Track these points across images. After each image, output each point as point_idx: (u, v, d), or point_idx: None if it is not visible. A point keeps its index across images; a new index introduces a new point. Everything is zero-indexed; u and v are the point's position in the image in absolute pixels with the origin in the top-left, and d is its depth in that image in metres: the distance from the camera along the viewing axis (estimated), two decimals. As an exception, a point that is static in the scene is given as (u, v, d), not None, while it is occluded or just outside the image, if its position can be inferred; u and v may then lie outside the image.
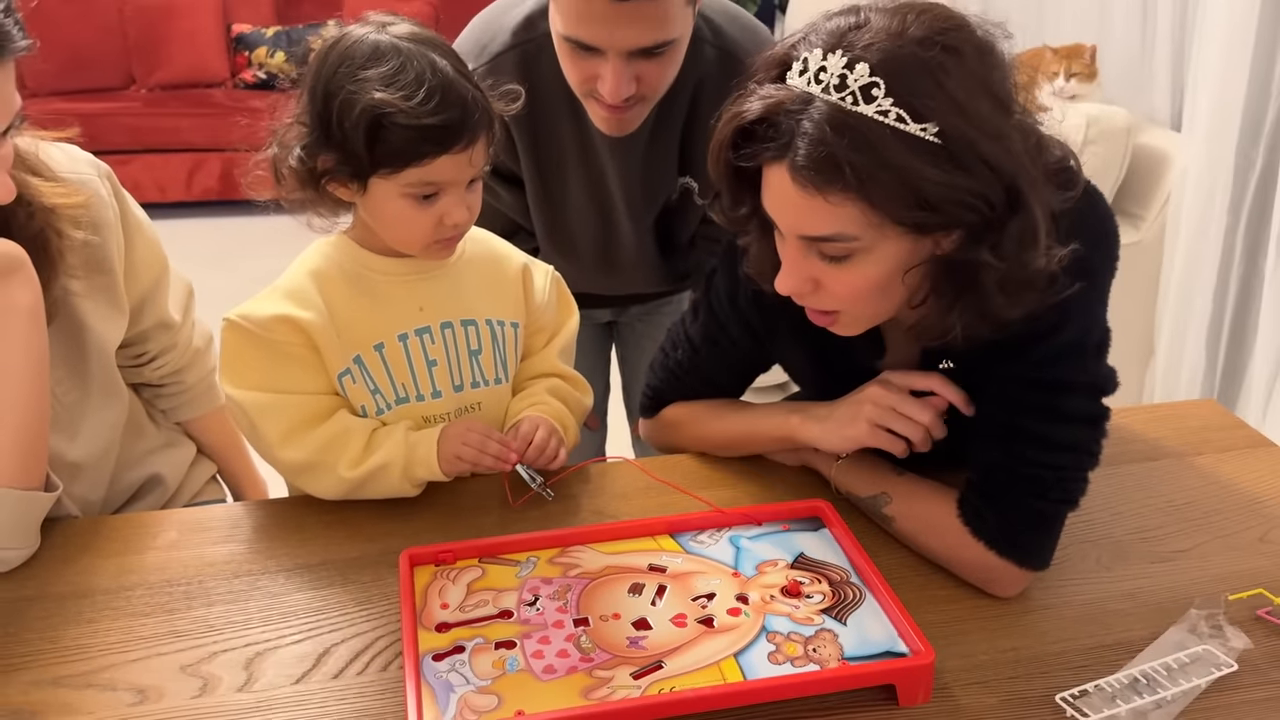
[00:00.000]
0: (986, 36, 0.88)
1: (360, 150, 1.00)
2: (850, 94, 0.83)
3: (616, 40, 1.15)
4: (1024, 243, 0.86)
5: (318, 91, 1.02)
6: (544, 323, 1.25)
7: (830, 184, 0.84)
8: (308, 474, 1.11)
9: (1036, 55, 2.66)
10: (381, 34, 1.02)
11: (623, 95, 1.19)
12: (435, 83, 1.00)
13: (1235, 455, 1.25)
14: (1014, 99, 0.88)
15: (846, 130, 0.83)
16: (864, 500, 1.11)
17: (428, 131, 0.99)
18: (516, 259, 1.22)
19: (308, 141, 1.03)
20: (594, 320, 1.72)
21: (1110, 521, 1.13)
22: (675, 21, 1.16)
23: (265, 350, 1.08)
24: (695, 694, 0.86)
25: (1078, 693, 0.90)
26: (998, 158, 0.84)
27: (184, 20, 4.55)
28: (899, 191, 0.84)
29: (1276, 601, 1.00)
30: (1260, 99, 2.27)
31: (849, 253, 0.89)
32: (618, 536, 1.06)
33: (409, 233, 1.07)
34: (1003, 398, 0.99)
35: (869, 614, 0.95)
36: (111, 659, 0.95)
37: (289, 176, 1.04)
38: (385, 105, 0.98)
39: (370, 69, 0.99)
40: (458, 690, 0.87)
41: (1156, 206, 2.47)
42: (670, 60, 1.21)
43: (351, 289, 1.10)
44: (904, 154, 0.82)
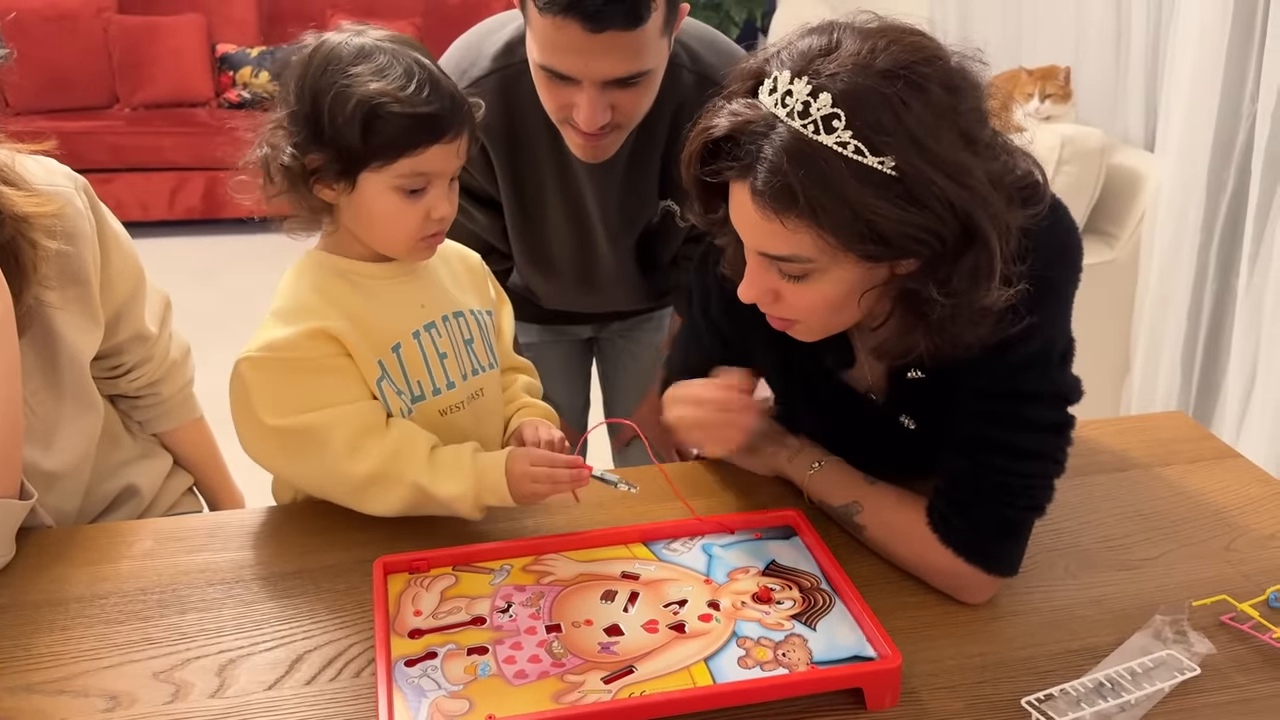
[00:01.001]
0: (960, 65, 0.88)
1: (355, 143, 1.01)
2: (812, 122, 0.84)
3: (591, 70, 1.16)
4: (976, 278, 0.88)
5: (305, 93, 1.03)
6: (498, 313, 1.28)
7: (786, 210, 0.86)
8: (378, 486, 1.08)
9: (1013, 77, 2.70)
10: (362, 37, 1.05)
11: (598, 124, 1.21)
12: (424, 75, 1.02)
13: (1203, 466, 1.27)
14: (983, 129, 0.88)
15: (804, 159, 0.84)
16: (836, 509, 1.12)
17: (422, 120, 1.01)
18: (473, 255, 1.26)
19: (296, 140, 1.04)
20: (575, 337, 1.73)
21: (1078, 530, 1.14)
22: (650, 52, 1.18)
23: (300, 372, 1.06)
24: (665, 697, 0.86)
25: (1043, 696, 0.91)
26: (954, 195, 0.84)
27: (168, 40, 4.57)
28: (852, 223, 0.85)
29: (1240, 608, 1.01)
30: (1231, 120, 2.31)
31: (805, 273, 0.91)
32: (591, 545, 1.07)
33: (398, 228, 1.07)
34: (970, 407, 1.01)
35: (838, 619, 0.96)
36: (84, 666, 0.95)
37: (279, 176, 1.05)
38: (380, 95, 1.00)
39: (359, 65, 1.01)
40: (429, 695, 0.88)
41: (1131, 225, 2.51)
42: (645, 89, 1.22)
43: (357, 294, 1.10)
44: (858, 187, 0.83)
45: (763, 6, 4.97)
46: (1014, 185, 0.92)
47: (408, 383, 1.12)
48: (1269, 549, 1.12)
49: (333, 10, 4.67)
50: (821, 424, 1.18)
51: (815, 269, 0.90)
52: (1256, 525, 1.16)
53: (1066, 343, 1.02)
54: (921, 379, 1.05)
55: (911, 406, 1.09)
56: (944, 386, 1.03)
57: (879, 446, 1.12)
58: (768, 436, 1.21)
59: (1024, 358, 0.98)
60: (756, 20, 5.02)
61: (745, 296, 0.97)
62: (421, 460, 1.07)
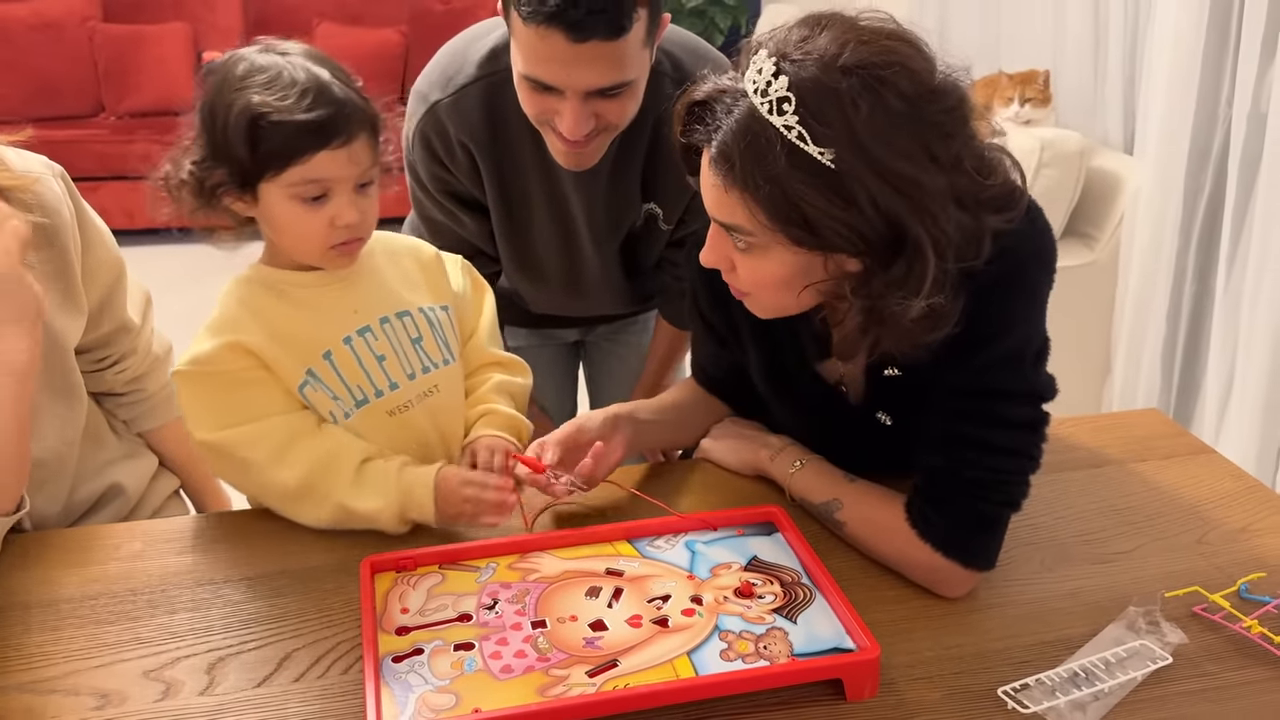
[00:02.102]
0: (933, 76, 0.89)
1: (244, 155, 1.04)
2: (768, 101, 0.88)
3: (574, 81, 1.18)
4: (903, 286, 0.90)
5: (205, 108, 1.07)
6: (466, 307, 1.28)
7: (728, 178, 0.91)
8: (304, 498, 1.12)
9: (993, 81, 2.73)
10: (264, 54, 1.07)
11: (581, 133, 1.22)
12: (309, 84, 1.04)
13: (1177, 462, 1.29)
14: (948, 142, 0.89)
15: (750, 134, 0.88)
16: (817, 506, 1.14)
17: (303, 127, 1.03)
18: (428, 250, 1.26)
19: (199, 158, 1.07)
20: (561, 340, 1.74)
21: (1054, 525, 1.16)
22: (633, 63, 1.19)
23: (223, 385, 1.10)
24: (648, 689, 0.88)
25: (1019, 686, 0.93)
26: (885, 200, 0.87)
27: (154, 48, 4.57)
28: (780, 203, 0.89)
29: (1211, 598, 1.03)
30: (1208, 124, 2.35)
31: (749, 246, 0.95)
32: (576, 543, 1.08)
33: (303, 237, 1.09)
34: (946, 405, 1.03)
35: (818, 613, 0.98)
36: (75, 665, 0.96)
37: (183, 192, 1.08)
38: (261, 106, 1.02)
39: (250, 79, 1.04)
40: (416, 690, 0.89)
41: (1110, 228, 2.54)
42: (628, 99, 1.24)
43: (284, 305, 1.13)
44: (790, 170, 0.87)
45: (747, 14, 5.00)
46: (987, 197, 0.93)
47: (346, 387, 1.14)
48: (1240, 542, 1.14)
49: (318, 18, 4.69)
50: (802, 422, 1.20)
51: (755, 244, 0.94)
52: (1229, 519, 1.18)
53: (1041, 342, 1.04)
54: (898, 376, 1.07)
55: (888, 403, 1.11)
56: (920, 384, 1.05)
57: (858, 443, 1.14)
58: (750, 437, 1.23)
59: (998, 356, 1.00)
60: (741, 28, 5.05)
61: (705, 260, 1.01)
62: (347, 477, 1.11)
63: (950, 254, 0.90)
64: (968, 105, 0.92)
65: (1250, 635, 0.99)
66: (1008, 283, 0.97)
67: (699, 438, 1.29)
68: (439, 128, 1.37)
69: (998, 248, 0.94)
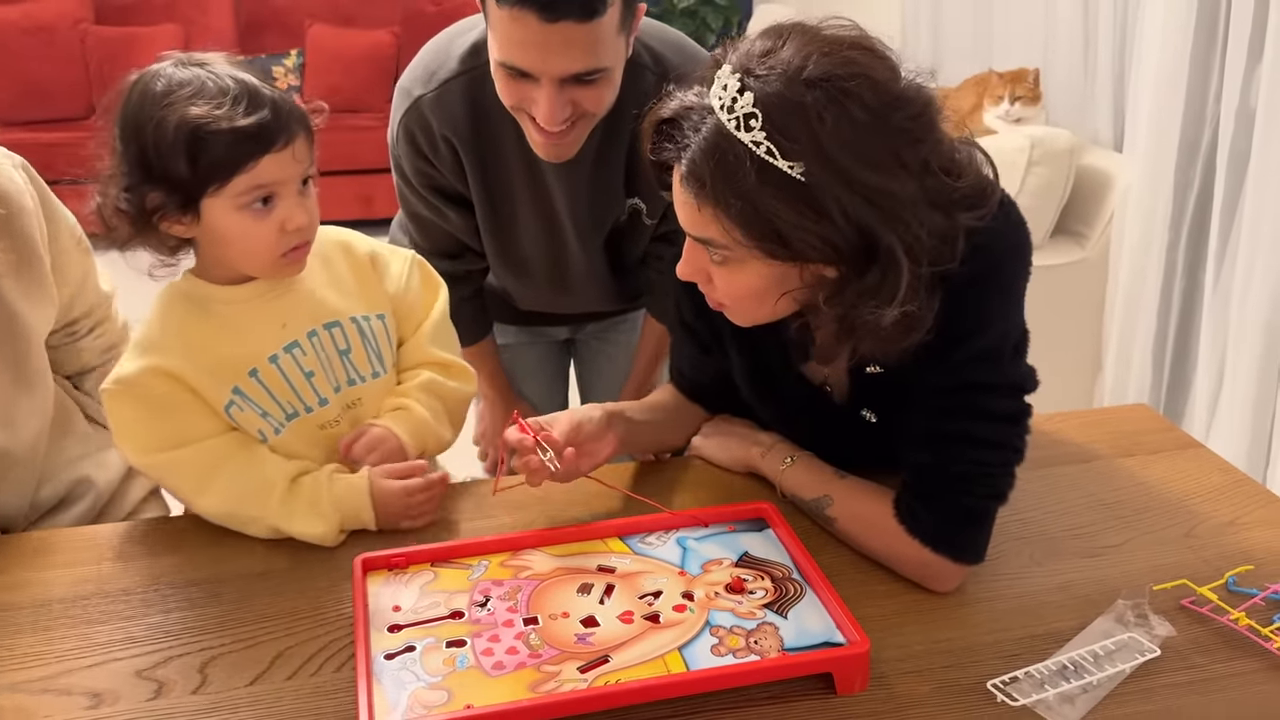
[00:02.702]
0: (896, 83, 0.89)
1: (184, 172, 1.01)
2: (735, 118, 0.88)
3: (549, 66, 1.18)
4: (877, 294, 0.91)
5: (127, 132, 1.03)
6: (410, 307, 1.25)
7: (700, 195, 0.91)
8: (232, 522, 1.12)
9: (983, 79, 2.74)
10: (181, 68, 1.04)
11: (558, 120, 1.22)
12: (239, 89, 1.03)
13: (1165, 457, 1.30)
14: (916, 147, 0.90)
15: (719, 152, 0.89)
16: (808, 503, 1.15)
17: (245, 132, 1.01)
18: (361, 249, 1.22)
19: (129, 183, 1.03)
20: (551, 338, 1.75)
21: (1043, 519, 1.17)
22: (607, 50, 1.19)
23: (148, 407, 1.09)
24: (639, 684, 0.88)
25: (1009, 679, 0.93)
26: (856, 210, 0.87)
27: (146, 50, 4.52)
28: (753, 218, 0.89)
29: (1199, 591, 1.04)
30: (1196, 121, 2.36)
31: (725, 259, 0.96)
32: (568, 540, 1.09)
33: (255, 248, 1.07)
34: (928, 402, 1.03)
35: (809, 608, 0.98)
36: (68, 665, 0.96)
37: (119, 222, 1.05)
38: (199, 118, 1.00)
39: (174, 93, 1.01)
40: (408, 687, 0.89)
41: (1100, 225, 2.55)
42: (604, 87, 1.24)
43: (209, 324, 1.11)
44: (760, 186, 0.87)
45: (739, 14, 5.01)
46: (959, 197, 0.93)
47: (277, 403, 1.13)
48: (1228, 535, 1.15)
49: (310, 19, 4.69)
50: (788, 421, 1.21)
51: (731, 257, 0.95)
52: (1217, 513, 1.19)
53: (1019, 335, 1.05)
54: (880, 373, 1.07)
55: (872, 400, 1.11)
56: (903, 380, 1.05)
57: (844, 441, 1.14)
58: (740, 434, 1.24)
59: (977, 352, 1.00)
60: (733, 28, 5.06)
61: (681, 274, 1.02)
62: (275, 501, 1.10)
63: (924, 259, 0.91)
64: (934, 109, 0.92)
65: (1238, 628, 0.99)
66: (984, 280, 0.98)
67: (689, 438, 1.30)
68: (422, 122, 1.37)
69: (971, 245, 0.94)
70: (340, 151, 4.40)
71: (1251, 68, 2.18)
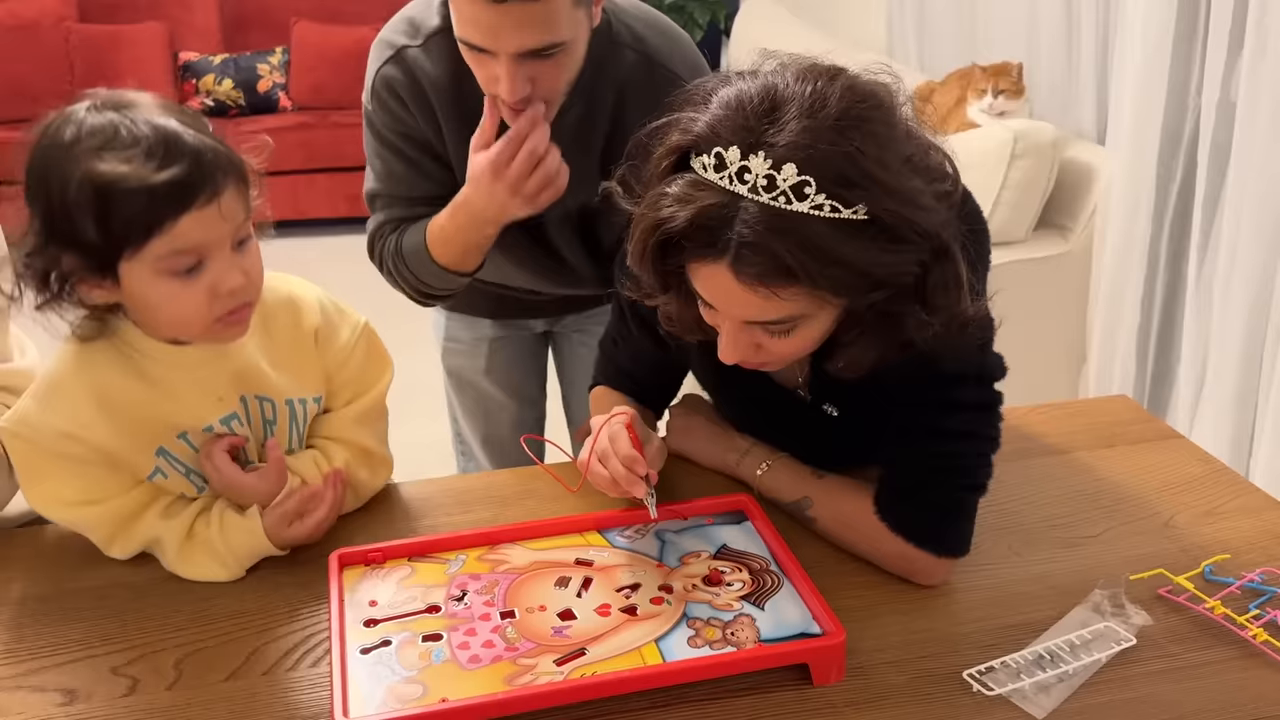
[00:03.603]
0: (878, 87, 0.89)
1: (91, 233, 0.90)
2: (782, 194, 0.83)
3: (504, 43, 1.17)
4: (948, 288, 0.90)
5: (32, 185, 0.92)
6: (345, 383, 1.15)
7: (781, 283, 0.86)
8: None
9: (967, 73, 2.75)
10: (96, 112, 0.93)
11: (518, 95, 1.21)
12: (155, 138, 0.90)
13: (1145, 447, 1.30)
14: (911, 143, 0.89)
15: (789, 232, 0.83)
16: (788, 505, 1.14)
17: (157, 190, 0.89)
18: (308, 318, 1.11)
19: (36, 243, 0.92)
20: (530, 330, 1.74)
21: (1022, 510, 1.17)
22: (563, 23, 1.18)
23: (61, 463, 1.01)
24: (615, 676, 0.88)
25: (985, 669, 0.94)
26: (920, 219, 0.86)
27: (130, 49, 4.55)
28: (852, 279, 0.86)
29: (1176, 580, 1.04)
30: (1178, 113, 2.36)
31: (792, 327, 0.92)
32: (546, 534, 1.08)
33: (183, 315, 0.96)
34: (898, 397, 1.03)
35: (786, 599, 0.98)
36: (41, 662, 0.96)
37: (29, 287, 0.94)
38: (102, 174, 0.88)
39: (82, 142, 0.90)
40: (384, 681, 0.89)
41: (1084, 218, 2.55)
42: (565, 61, 1.22)
43: (136, 383, 1.01)
44: (847, 243, 0.84)
45: (725, 9, 5.01)
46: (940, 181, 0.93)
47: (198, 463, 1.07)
48: (1206, 525, 1.15)
49: (296, 16, 4.67)
50: (752, 417, 1.20)
51: (804, 319, 0.91)
52: (1195, 503, 1.19)
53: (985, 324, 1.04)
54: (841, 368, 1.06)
55: (833, 395, 1.10)
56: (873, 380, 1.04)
57: (808, 437, 1.14)
58: (717, 438, 1.23)
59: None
60: (720, 22, 5.05)
61: (728, 359, 0.96)
62: (173, 556, 1.06)
63: (963, 242, 0.90)
64: (903, 100, 0.91)
65: (1214, 616, 1.00)
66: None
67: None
68: (407, 72, 1.34)
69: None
70: (326, 149, 4.39)
71: (1232, 61, 2.18)
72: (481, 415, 1.77)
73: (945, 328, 0.92)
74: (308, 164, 4.39)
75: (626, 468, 1.04)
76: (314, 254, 3.46)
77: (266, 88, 4.59)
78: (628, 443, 1.04)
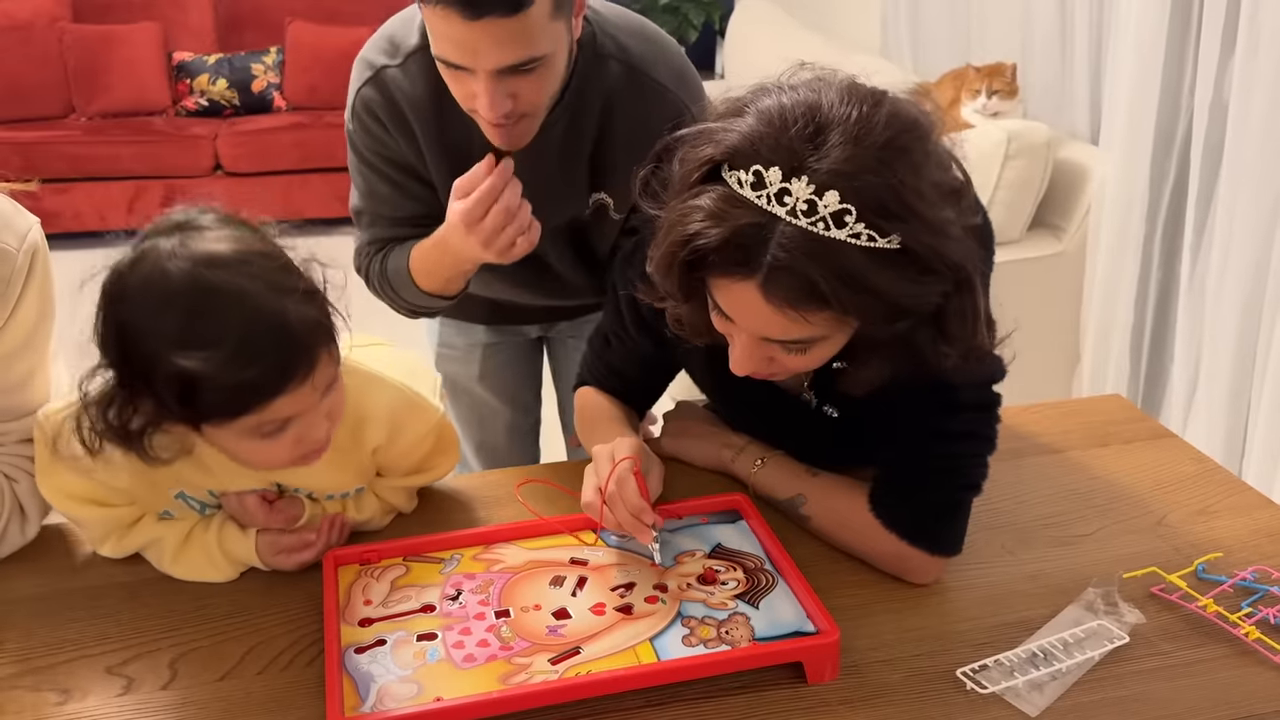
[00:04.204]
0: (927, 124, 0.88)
1: (176, 408, 0.88)
2: (821, 220, 0.83)
3: (481, 60, 1.15)
4: (968, 320, 0.91)
5: (108, 340, 0.89)
6: (404, 466, 1.14)
7: (809, 307, 0.86)
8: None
9: (961, 74, 2.75)
10: (174, 260, 0.87)
11: (499, 112, 1.18)
12: (243, 329, 0.85)
13: (1138, 446, 1.31)
14: (942, 170, 0.89)
15: (824, 258, 0.83)
16: (782, 503, 1.14)
17: (246, 387, 0.86)
18: (373, 438, 1.07)
19: (107, 395, 0.90)
20: (524, 336, 1.73)
21: (1016, 509, 1.18)
22: (540, 38, 1.15)
23: (69, 467, 0.99)
24: (609, 675, 0.89)
25: (978, 667, 0.94)
26: (949, 250, 0.86)
27: (124, 48, 4.53)
28: (881, 308, 0.86)
29: (1169, 579, 1.05)
30: (1171, 114, 2.37)
31: (811, 345, 0.92)
32: (541, 533, 1.08)
33: (262, 461, 0.97)
34: (903, 399, 1.03)
35: (780, 597, 0.98)
36: (37, 662, 0.96)
37: (106, 437, 0.92)
38: (188, 371, 0.84)
39: (163, 321, 0.85)
40: (379, 680, 0.89)
41: (1078, 218, 2.56)
42: (545, 75, 1.20)
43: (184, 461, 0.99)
44: (879, 271, 0.83)
45: (720, 10, 5.01)
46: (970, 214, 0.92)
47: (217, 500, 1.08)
48: (1199, 524, 1.15)
49: (291, 16, 4.66)
50: (750, 418, 1.20)
51: (822, 338, 0.92)
52: (1188, 501, 1.19)
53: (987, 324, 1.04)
54: (842, 368, 1.07)
55: (833, 396, 1.11)
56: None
57: (807, 438, 1.14)
58: (712, 436, 1.23)
59: None
60: (715, 23, 5.06)
61: (741, 371, 0.96)
62: (169, 558, 1.06)
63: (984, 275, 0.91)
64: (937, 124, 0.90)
65: (1206, 614, 1.00)
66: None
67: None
68: (385, 94, 1.32)
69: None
70: (320, 149, 4.39)
71: (1224, 61, 2.19)
72: (475, 422, 1.76)
73: (963, 358, 0.93)
74: (302, 164, 4.38)
75: (634, 515, 1.02)
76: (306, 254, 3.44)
77: (261, 88, 4.59)
78: (635, 492, 1.02)
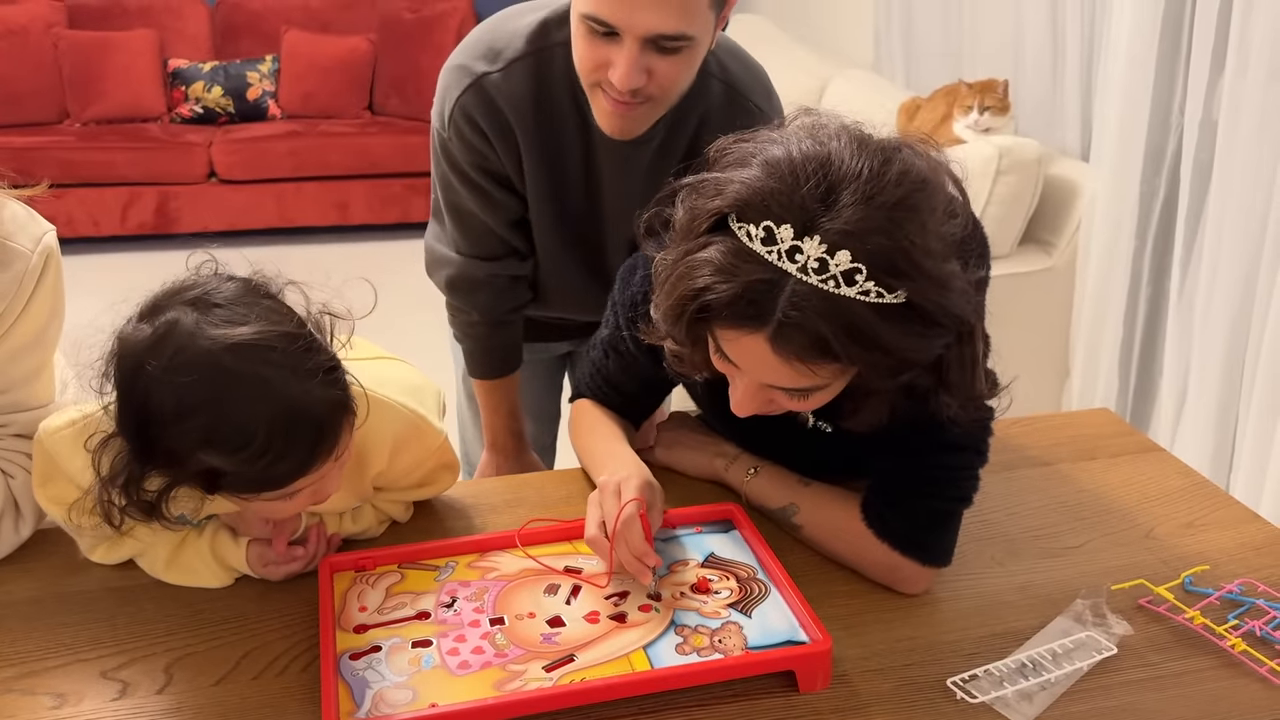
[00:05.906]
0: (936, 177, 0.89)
1: (201, 487, 0.91)
2: (832, 278, 0.83)
3: (636, 22, 1.13)
4: (967, 368, 0.93)
5: (130, 424, 0.89)
6: (405, 483, 1.14)
7: (818, 362, 0.87)
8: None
9: (953, 90, 2.77)
10: (194, 347, 0.85)
11: (632, 84, 1.16)
12: (270, 425, 0.85)
13: (1126, 460, 1.32)
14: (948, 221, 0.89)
15: (834, 315, 0.84)
16: (774, 512, 1.15)
17: (269, 475, 0.88)
18: (374, 467, 1.07)
19: (135, 468, 0.90)
20: (552, 354, 1.72)
21: (1006, 521, 1.19)
22: (697, 17, 1.14)
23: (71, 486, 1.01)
24: (603, 683, 0.89)
25: (968, 677, 0.95)
26: (953, 305, 0.87)
27: (120, 55, 4.54)
28: (879, 362, 0.87)
29: (1156, 591, 1.06)
30: (1161, 131, 2.40)
31: (813, 392, 0.94)
32: (536, 541, 1.09)
33: (276, 513, 1.01)
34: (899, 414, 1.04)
35: (772, 607, 0.99)
36: (31, 666, 0.96)
37: (128, 514, 0.93)
38: (213, 466, 0.86)
39: (189, 421, 0.85)
40: (374, 686, 0.90)
41: (1068, 234, 2.58)
42: (684, 61, 1.18)
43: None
44: (885, 327, 0.85)
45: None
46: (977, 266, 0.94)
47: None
48: (1186, 536, 1.17)
49: (286, 25, 4.67)
50: (743, 430, 1.20)
51: (824, 386, 0.93)
52: (1175, 515, 1.21)
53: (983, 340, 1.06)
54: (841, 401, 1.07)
55: (826, 410, 1.11)
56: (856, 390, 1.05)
57: (801, 450, 1.15)
58: (705, 446, 1.24)
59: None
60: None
61: (743, 413, 0.98)
62: (163, 564, 1.06)
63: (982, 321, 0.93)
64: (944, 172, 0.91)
65: (1193, 626, 1.01)
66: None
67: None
68: (486, 100, 1.30)
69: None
70: (314, 157, 4.40)
71: (1214, 80, 2.21)
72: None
73: (962, 407, 0.95)
74: (296, 172, 4.39)
75: (638, 558, 1.02)
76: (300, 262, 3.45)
77: (256, 95, 4.60)
78: (640, 536, 1.02)
